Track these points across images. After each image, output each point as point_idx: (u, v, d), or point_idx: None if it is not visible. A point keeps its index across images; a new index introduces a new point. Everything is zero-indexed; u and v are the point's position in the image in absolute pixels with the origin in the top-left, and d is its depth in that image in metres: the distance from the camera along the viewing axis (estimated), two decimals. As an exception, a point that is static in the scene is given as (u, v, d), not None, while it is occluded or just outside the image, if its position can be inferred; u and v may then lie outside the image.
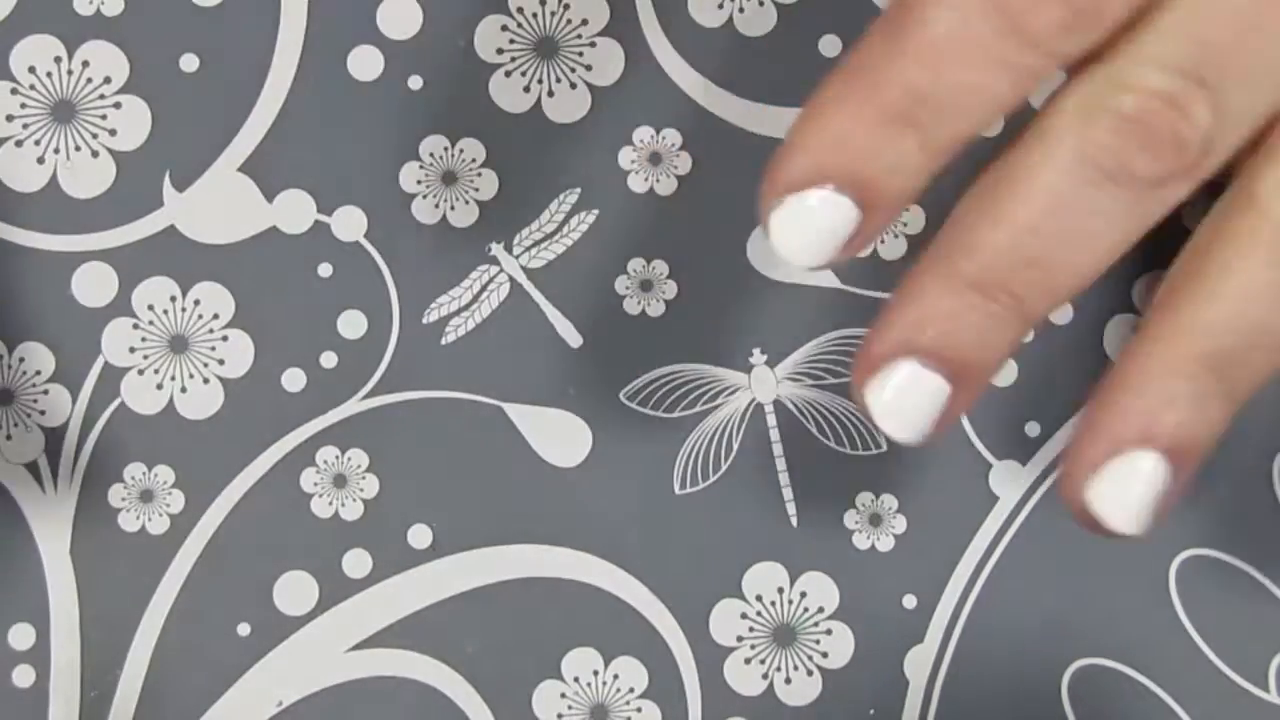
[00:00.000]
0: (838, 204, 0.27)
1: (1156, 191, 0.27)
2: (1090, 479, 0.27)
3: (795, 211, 0.27)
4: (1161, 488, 0.27)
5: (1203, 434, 0.27)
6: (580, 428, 0.34)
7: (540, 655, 0.34)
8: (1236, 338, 0.27)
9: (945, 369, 0.27)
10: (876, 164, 0.27)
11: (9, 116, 0.34)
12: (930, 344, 0.27)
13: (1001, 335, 0.27)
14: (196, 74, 0.35)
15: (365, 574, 0.34)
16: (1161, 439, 0.27)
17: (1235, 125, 0.27)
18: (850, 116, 0.27)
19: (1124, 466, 0.27)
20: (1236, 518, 0.34)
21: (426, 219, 0.35)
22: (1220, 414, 0.27)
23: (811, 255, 0.27)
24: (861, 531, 0.34)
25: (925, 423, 0.27)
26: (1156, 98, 0.26)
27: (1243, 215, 0.27)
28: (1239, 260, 0.27)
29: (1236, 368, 0.27)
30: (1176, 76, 0.26)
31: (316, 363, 0.34)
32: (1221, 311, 0.27)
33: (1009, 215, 0.27)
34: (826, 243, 0.27)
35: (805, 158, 0.27)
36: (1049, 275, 0.27)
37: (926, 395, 0.27)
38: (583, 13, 0.35)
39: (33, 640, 0.34)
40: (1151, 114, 0.26)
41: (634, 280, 0.35)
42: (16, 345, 0.34)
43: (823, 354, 0.34)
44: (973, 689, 0.34)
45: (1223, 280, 0.27)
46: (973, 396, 0.27)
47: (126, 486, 0.34)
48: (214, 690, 0.34)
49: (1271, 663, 0.34)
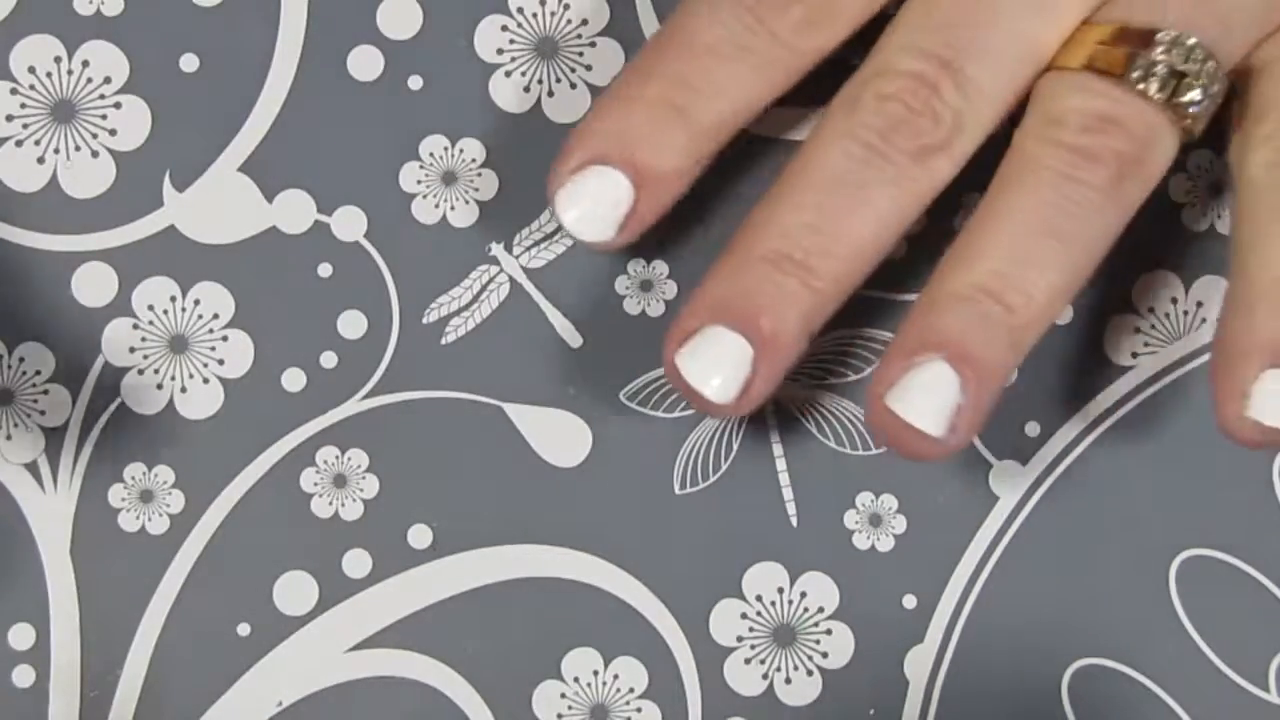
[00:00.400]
0: (612, 178, 0.31)
1: (920, 165, 0.30)
2: (889, 390, 0.30)
3: (575, 189, 0.31)
4: (954, 391, 0.29)
5: (982, 344, 0.30)
6: (580, 428, 0.34)
7: (540, 655, 0.34)
8: (1008, 261, 0.30)
9: (746, 332, 0.30)
10: (646, 144, 0.31)
11: (9, 116, 0.34)
12: (732, 312, 0.30)
13: (794, 302, 0.30)
14: (196, 74, 0.35)
15: (365, 574, 0.34)
16: (946, 348, 0.30)
17: (983, 101, 0.30)
18: (623, 106, 0.31)
19: (915, 373, 0.30)
20: (1236, 518, 0.34)
21: (426, 219, 0.35)
22: (1003, 332, 0.30)
23: (594, 229, 0.31)
24: (861, 531, 0.34)
25: (736, 382, 0.30)
26: (907, 77, 0.30)
27: (1007, 162, 0.31)
28: (1001, 199, 0.30)
29: (1010, 291, 0.30)
30: (922, 59, 0.30)
31: (316, 363, 0.34)
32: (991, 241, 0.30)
33: (791, 196, 0.30)
34: (606, 216, 0.31)
35: (584, 144, 0.31)
36: (832, 243, 0.30)
37: (732, 357, 0.30)
38: (583, 13, 0.35)
39: (33, 640, 0.34)
40: (905, 92, 0.30)
41: (634, 280, 0.35)
42: (16, 345, 0.34)
43: (823, 354, 0.34)
44: (973, 689, 0.34)
45: (990, 216, 0.30)
46: (777, 361, 0.30)
47: (126, 486, 0.34)
48: (214, 690, 0.34)
49: (1271, 663, 0.34)
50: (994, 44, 0.30)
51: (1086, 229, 0.30)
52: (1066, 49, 0.31)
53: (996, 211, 0.30)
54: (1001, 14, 0.30)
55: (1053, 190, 0.30)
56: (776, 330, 0.30)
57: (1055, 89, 0.31)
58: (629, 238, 0.31)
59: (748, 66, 0.31)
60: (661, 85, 0.31)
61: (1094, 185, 0.30)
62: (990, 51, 0.30)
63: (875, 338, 0.34)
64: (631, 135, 0.31)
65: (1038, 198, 0.30)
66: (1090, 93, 0.30)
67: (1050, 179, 0.30)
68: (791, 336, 0.30)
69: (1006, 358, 0.30)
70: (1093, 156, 0.30)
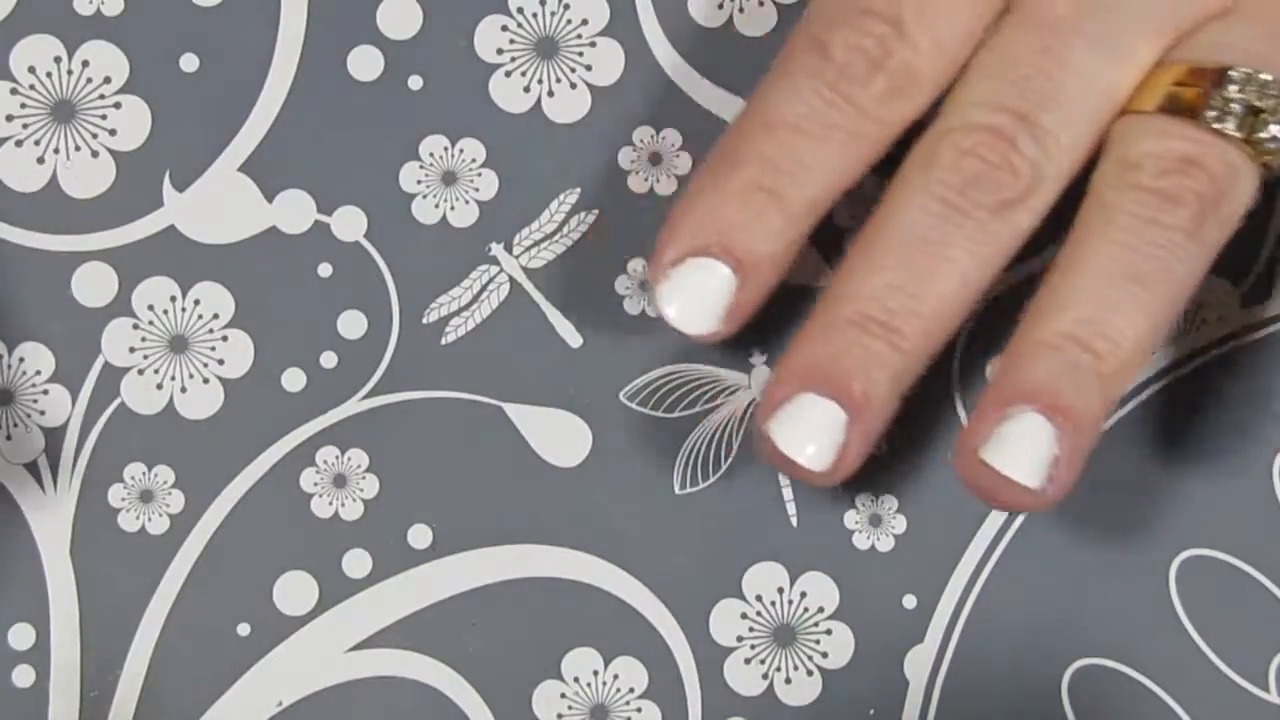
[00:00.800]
0: (715, 270, 0.31)
1: (1001, 218, 0.30)
2: (984, 444, 0.30)
3: (678, 283, 0.31)
4: (1049, 443, 0.29)
5: (1073, 393, 0.29)
6: (580, 428, 0.34)
7: (540, 655, 0.34)
8: (1094, 308, 0.30)
9: (836, 396, 0.30)
10: (743, 232, 0.30)
11: (9, 116, 0.34)
12: (822, 377, 0.30)
13: (883, 364, 0.30)
14: (196, 74, 0.35)
15: (365, 574, 0.34)
16: (1039, 399, 0.29)
17: (1060, 151, 0.30)
18: (716, 194, 0.31)
19: (1009, 425, 0.30)
20: (1236, 518, 0.34)
21: (426, 219, 0.35)
22: (1093, 379, 0.30)
23: (699, 322, 0.31)
24: (861, 531, 0.34)
25: (831, 449, 0.30)
26: (983, 131, 0.30)
27: (1086, 208, 0.31)
28: (1082, 247, 0.30)
29: (1097, 339, 0.30)
30: (996, 113, 0.30)
31: (316, 363, 0.34)
32: (1075, 288, 0.30)
33: (873, 257, 0.30)
34: (711, 307, 0.31)
35: (681, 237, 0.31)
36: (917, 302, 0.30)
37: (825, 424, 0.30)
38: (583, 13, 0.35)
39: (33, 640, 0.34)
40: (981, 146, 0.30)
41: (634, 280, 0.35)
42: (16, 345, 0.34)
43: (823, 354, 0.34)
44: (973, 689, 0.34)
45: (1073, 263, 0.30)
46: (870, 425, 0.30)
47: (126, 486, 0.34)
48: (214, 690, 0.34)
49: (1271, 663, 0.34)
50: (1068, 94, 0.30)
51: (1170, 272, 0.30)
52: (1140, 92, 0.31)
53: (1079, 259, 0.30)
54: (1073, 63, 0.30)
55: (1134, 235, 0.30)
56: (868, 393, 0.30)
57: (1131, 133, 0.30)
58: (733, 328, 0.31)
59: (835, 144, 0.30)
60: (751, 170, 0.30)
61: (1175, 227, 0.30)
62: (1065, 101, 0.30)
63: (875, 338, 0.34)
64: (727, 224, 0.30)
65: (1119, 244, 0.30)
66: (1167, 135, 0.30)
67: (1131, 224, 0.30)
68: (882, 399, 0.30)
69: (1099, 405, 0.30)
70: (1173, 198, 0.30)
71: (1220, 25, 0.31)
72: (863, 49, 0.30)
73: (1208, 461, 0.34)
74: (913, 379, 0.31)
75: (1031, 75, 0.30)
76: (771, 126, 0.30)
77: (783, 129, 0.30)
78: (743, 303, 0.31)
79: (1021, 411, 0.29)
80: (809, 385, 0.30)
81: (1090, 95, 0.30)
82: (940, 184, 0.30)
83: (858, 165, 0.31)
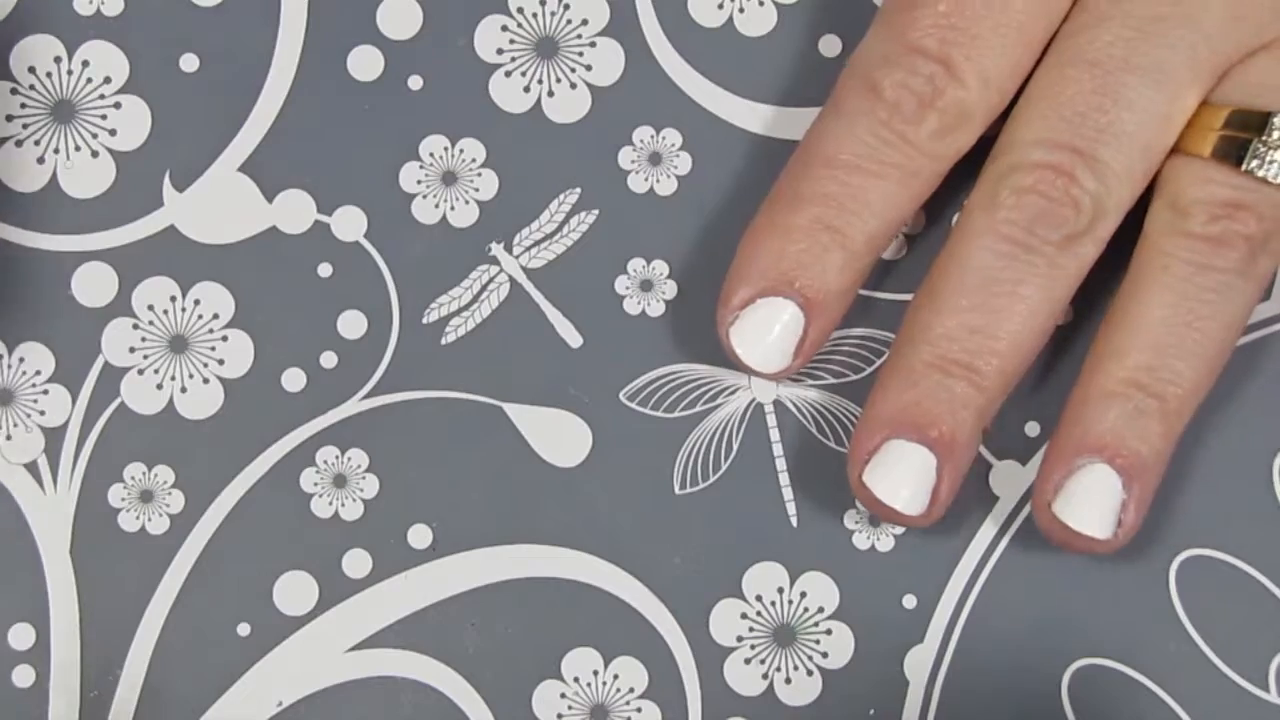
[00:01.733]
0: (784, 308, 0.32)
1: (1067, 252, 0.31)
2: (1054, 499, 0.31)
3: (748, 324, 0.32)
4: (1117, 493, 0.31)
5: (1138, 439, 0.31)
6: (580, 428, 0.34)
7: (540, 655, 0.34)
8: (1154, 354, 0.31)
9: (926, 441, 0.31)
10: (808, 271, 0.31)
11: (9, 116, 0.34)
12: (909, 423, 0.31)
13: (966, 404, 0.31)
14: (196, 74, 0.35)
15: (365, 574, 0.34)
16: (1105, 450, 0.31)
17: (1119, 183, 0.31)
18: (782, 234, 0.32)
19: (1078, 478, 0.31)
20: (1236, 518, 0.34)
21: (426, 219, 0.35)
22: (1157, 423, 0.31)
23: (772, 360, 0.32)
24: (861, 531, 0.34)
25: (925, 492, 0.31)
26: (1043, 169, 0.31)
27: (1139, 254, 0.32)
28: (1139, 294, 0.31)
29: (1158, 383, 0.31)
30: (1054, 150, 0.31)
31: (316, 363, 0.34)
32: (1135, 335, 0.31)
33: (946, 300, 0.31)
34: (782, 345, 0.32)
35: (748, 279, 0.32)
36: (993, 341, 0.31)
37: (917, 468, 0.31)
38: (583, 13, 0.35)
39: (33, 640, 0.34)
40: (1043, 184, 0.31)
41: (634, 280, 0.35)
42: (16, 345, 0.34)
43: (823, 354, 0.34)
44: (973, 689, 0.34)
45: (1131, 311, 0.31)
46: (960, 464, 0.32)
47: (126, 486, 0.34)
48: (214, 690, 0.34)
49: (1271, 663, 0.34)
50: (1123, 128, 0.31)
51: (1224, 311, 0.31)
52: (1187, 135, 0.31)
53: (1136, 306, 0.31)
54: (1127, 98, 0.31)
55: (1187, 282, 0.31)
56: (955, 434, 0.31)
57: (1180, 179, 0.31)
58: (802, 363, 0.32)
59: (894, 181, 0.31)
60: (814, 209, 0.31)
61: (1227, 270, 0.31)
62: (1120, 135, 0.31)
63: (875, 338, 0.34)
64: (793, 263, 0.31)
65: (1174, 291, 0.31)
66: (1214, 183, 0.31)
67: (1184, 271, 0.31)
68: (968, 437, 0.31)
69: (1163, 447, 0.31)
70: (1223, 243, 0.31)
71: (1267, 61, 0.31)
72: (912, 88, 0.31)
73: (1207, 462, 0.34)
74: (993, 414, 0.32)
75: (1086, 112, 0.31)
76: (830, 164, 0.31)
77: (841, 168, 0.31)
78: (811, 339, 0.32)
79: (1089, 462, 0.31)
80: (898, 432, 0.31)
81: (1144, 129, 0.31)
82: (1007, 223, 0.31)
83: (914, 200, 0.32)
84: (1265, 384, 0.34)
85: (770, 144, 0.35)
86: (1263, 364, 0.34)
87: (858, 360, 0.34)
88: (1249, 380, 0.34)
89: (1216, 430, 0.34)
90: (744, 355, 0.32)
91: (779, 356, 0.32)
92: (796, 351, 0.32)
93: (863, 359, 0.34)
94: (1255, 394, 0.34)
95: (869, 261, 0.32)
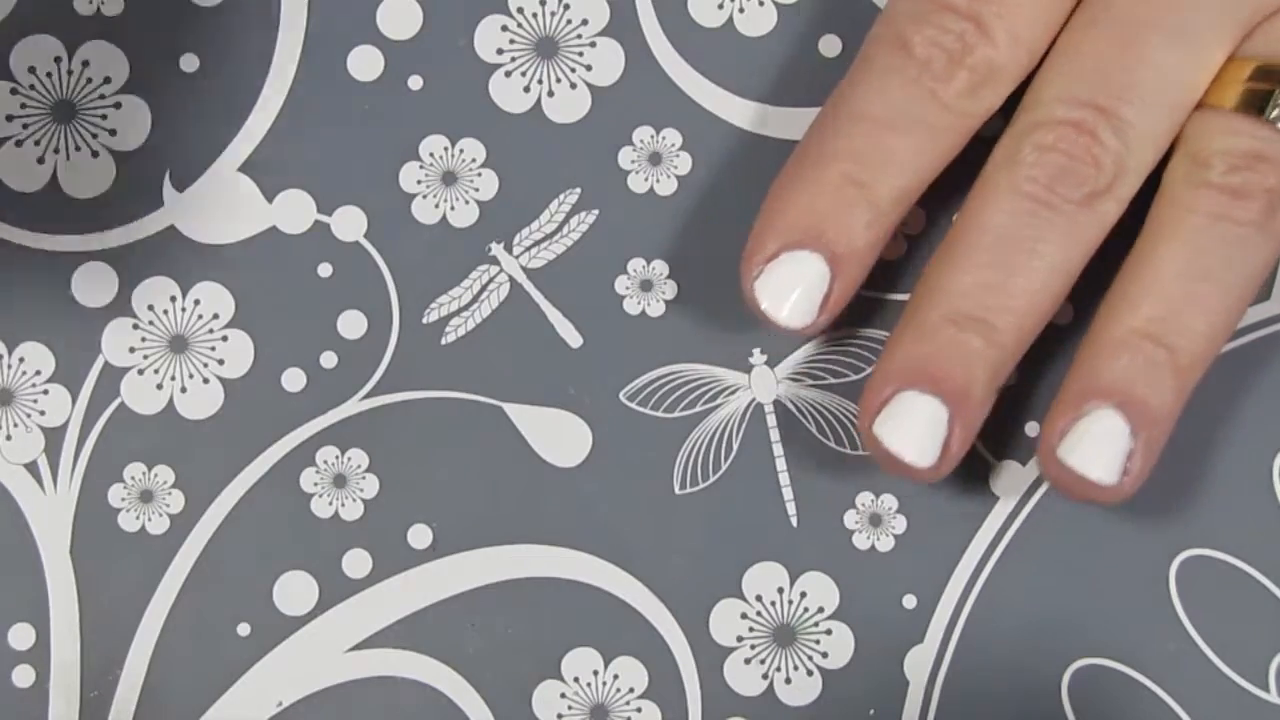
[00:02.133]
0: (808, 262, 0.31)
1: (1089, 210, 0.31)
2: (1061, 442, 0.31)
3: (773, 278, 0.31)
4: (1124, 439, 0.30)
5: (1147, 387, 0.31)
6: (580, 428, 0.34)
7: (540, 655, 0.34)
8: (1166, 306, 0.30)
9: (938, 393, 0.31)
10: (835, 225, 0.31)
11: (9, 116, 0.34)
12: (922, 375, 0.31)
13: (980, 358, 0.31)
14: (196, 74, 0.35)
15: (365, 574, 0.34)
16: (1113, 396, 0.30)
17: (1141, 142, 0.31)
18: (809, 188, 0.31)
19: (1085, 423, 0.31)
20: (1236, 518, 0.34)
21: (426, 219, 0.35)
22: (1167, 375, 0.31)
23: (798, 315, 0.31)
24: (861, 531, 0.34)
25: (935, 445, 0.31)
26: (1064, 126, 0.31)
27: (1158, 205, 0.31)
28: (1155, 244, 0.31)
29: (1170, 334, 0.30)
30: (1076, 107, 0.31)
31: (316, 363, 0.34)
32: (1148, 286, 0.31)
33: (965, 256, 0.31)
34: (808, 299, 0.31)
35: (775, 232, 0.31)
36: (1010, 299, 0.31)
37: (928, 419, 0.31)
38: (583, 13, 0.35)
39: (33, 640, 0.34)
40: (1064, 141, 0.31)
41: (634, 280, 0.35)
42: (16, 345, 0.34)
43: (823, 354, 0.34)
44: (973, 689, 0.34)
45: (1146, 261, 0.31)
46: (971, 418, 0.31)
47: (126, 486, 0.34)
48: (214, 690, 0.34)
49: (1271, 663, 0.34)
50: (1146, 87, 0.31)
51: (1241, 265, 0.31)
52: (1216, 87, 0.31)
53: (1151, 256, 0.31)
54: (1150, 57, 0.31)
55: (1204, 233, 0.30)
56: (968, 388, 0.31)
57: (1201, 130, 0.31)
58: (828, 319, 0.32)
59: (922, 138, 0.31)
60: (841, 164, 0.31)
61: (1246, 222, 0.30)
62: (1143, 94, 0.31)
63: (874, 338, 0.34)
64: (820, 218, 0.31)
65: (1190, 242, 0.30)
66: (1236, 134, 0.31)
67: (1200, 222, 0.30)
68: (982, 393, 0.31)
69: (1172, 400, 0.31)
70: (1242, 194, 0.30)
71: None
72: (943, 45, 0.31)
73: (1208, 461, 0.34)
74: (1007, 374, 0.31)
75: (1109, 70, 0.31)
76: (859, 120, 0.31)
77: (870, 123, 0.31)
78: (837, 295, 0.31)
79: (1096, 408, 0.30)
80: (910, 383, 0.31)
81: (1168, 88, 0.31)
82: (1028, 180, 0.31)
83: (942, 157, 0.31)
84: (1265, 384, 0.34)
85: (770, 144, 0.35)
86: (1263, 364, 0.34)
87: (858, 360, 0.34)
88: (1249, 380, 0.34)
89: (1216, 430, 0.34)
90: (769, 310, 0.32)
91: (805, 311, 0.31)
92: (822, 307, 0.32)
93: (863, 359, 0.34)
94: (1255, 394, 0.34)
95: (895, 218, 0.32)
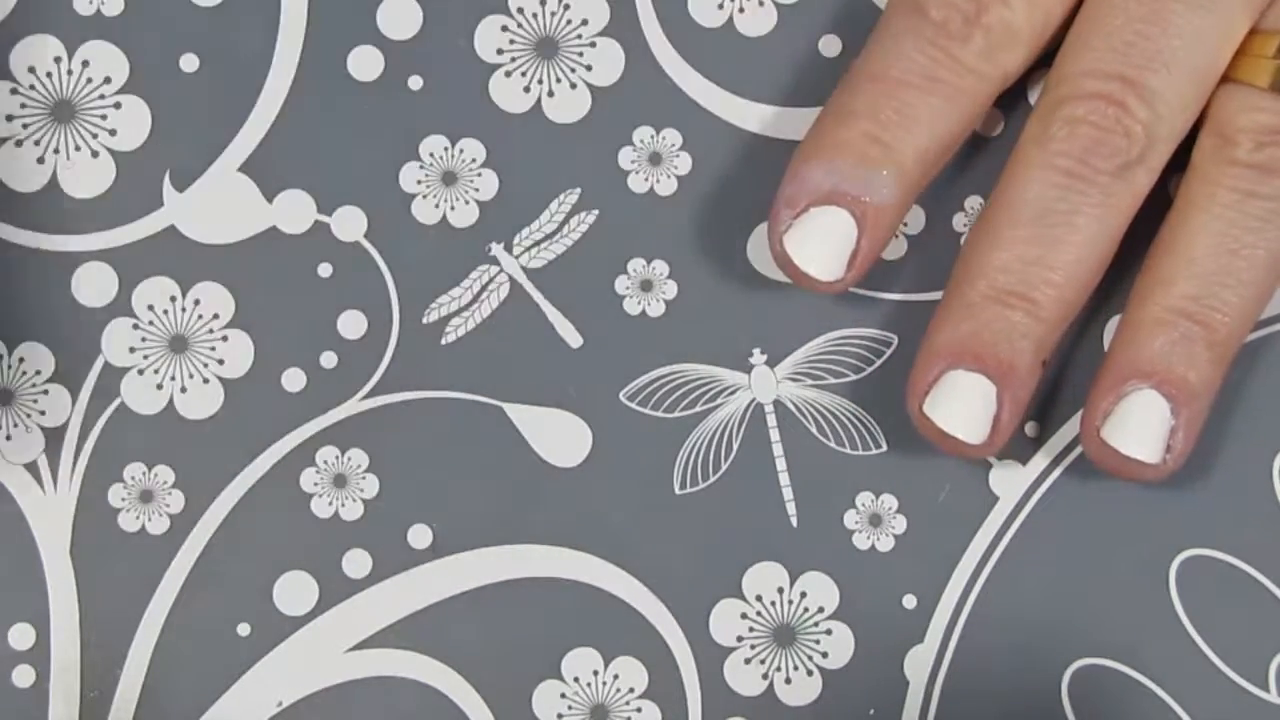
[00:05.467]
0: (836, 217, 0.31)
1: (1121, 181, 0.31)
2: (1103, 423, 0.31)
3: (803, 230, 0.32)
4: (1166, 418, 0.31)
5: (1186, 364, 0.31)
6: (580, 428, 0.34)
7: (540, 655, 0.34)
8: (1200, 283, 0.31)
9: (985, 370, 0.31)
10: (861, 181, 0.31)
11: (9, 116, 0.34)
12: (967, 353, 0.31)
13: (1024, 333, 0.31)
14: (196, 74, 0.35)
15: (365, 574, 0.34)
16: (1154, 376, 0.31)
17: (1170, 111, 0.31)
18: (831, 148, 0.32)
19: (1127, 404, 0.31)
20: (1236, 518, 0.34)
21: (426, 219, 0.35)
22: (1204, 350, 0.31)
23: (828, 267, 0.32)
24: (861, 531, 0.34)
25: (986, 421, 0.31)
26: (1094, 99, 0.31)
27: (1187, 183, 0.32)
28: (1186, 222, 0.31)
29: (1205, 311, 0.31)
30: (1103, 79, 0.31)
31: (316, 363, 0.34)
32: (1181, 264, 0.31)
33: (1003, 233, 0.31)
34: (837, 251, 0.32)
35: (803, 188, 0.32)
36: (1049, 272, 0.31)
37: (978, 396, 0.31)
38: (583, 13, 0.35)
39: (33, 640, 0.34)
40: (1094, 114, 0.31)
41: (634, 280, 0.35)
42: (16, 345, 0.34)
43: (823, 354, 0.34)
44: (973, 689, 0.34)
45: (1178, 239, 0.31)
46: (1020, 392, 0.32)
47: (126, 486, 0.34)
48: (214, 690, 0.34)
49: (1271, 663, 0.34)
50: (1173, 56, 0.31)
51: (1271, 239, 0.31)
52: (1239, 63, 0.31)
53: (1183, 234, 0.31)
54: (1175, 26, 0.31)
55: (1233, 209, 0.31)
56: (1014, 363, 0.31)
57: (1227, 106, 0.31)
58: (857, 276, 0.32)
59: (941, 97, 0.31)
60: (862, 123, 0.31)
61: (1274, 197, 0.31)
62: (1170, 63, 0.31)
63: (874, 338, 0.34)
64: (845, 173, 0.31)
65: (1221, 218, 0.31)
66: (1262, 110, 0.31)
67: (1229, 198, 0.31)
68: (1028, 367, 0.31)
69: (1211, 375, 0.31)
70: (1270, 170, 0.31)
71: None
72: (958, 7, 0.31)
73: (1208, 461, 0.34)
74: (1052, 346, 0.32)
75: (1135, 41, 0.31)
76: (878, 80, 0.32)
77: (890, 83, 0.31)
78: (864, 252, 0.32)
79: (1136, 388, 0.31)
80: (956, 362, 0.31)
81: (1193, 56, 0.31)
82: (1060, 155, 0.31)
83: (963, 118, 0.32)
84: (1265, 384, 0.34)
85: (770, 144, 0.35)
86: (1263, 364, 0.34)
87: (858, 360, 0.34)
88: (1249, 380, 0.34)
89: (1216, 430, 0.34)
90: (800, 261, 0.32)
91: (834, 264, 0.32)
92: (850, 263, 0.32)
93: (863, 359, 0.34)
94: (1255, 394, 0.34)
95: (919, 178, 0.32)
